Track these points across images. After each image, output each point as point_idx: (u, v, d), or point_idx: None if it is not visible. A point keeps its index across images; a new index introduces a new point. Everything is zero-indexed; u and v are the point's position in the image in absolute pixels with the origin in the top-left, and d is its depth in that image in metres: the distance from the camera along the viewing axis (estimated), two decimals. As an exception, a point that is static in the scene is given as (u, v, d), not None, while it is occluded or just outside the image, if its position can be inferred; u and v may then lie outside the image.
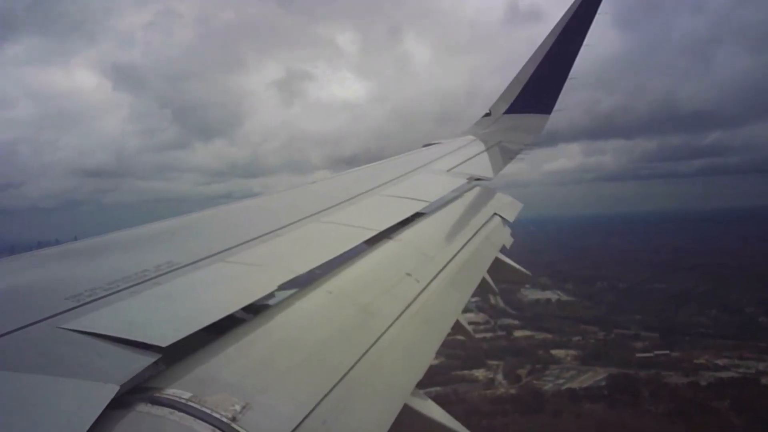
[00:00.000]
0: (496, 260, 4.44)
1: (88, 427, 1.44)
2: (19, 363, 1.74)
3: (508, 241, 4.92)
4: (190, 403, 1.68)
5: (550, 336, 67.22)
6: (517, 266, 4.77)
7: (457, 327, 3.34)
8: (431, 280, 3.33)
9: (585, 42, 8.07)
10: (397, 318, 2.76)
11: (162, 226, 3.59)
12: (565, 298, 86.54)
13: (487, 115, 8.88)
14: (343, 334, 2.50)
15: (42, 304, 2.13)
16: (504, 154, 7.70)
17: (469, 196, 5.63)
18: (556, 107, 8.42)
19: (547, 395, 48.94)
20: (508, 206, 5.71)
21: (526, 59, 8.63)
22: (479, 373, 56.61)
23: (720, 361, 54.88)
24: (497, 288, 4.47)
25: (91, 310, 2.12)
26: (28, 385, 1.62)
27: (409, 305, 2.93)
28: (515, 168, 7.72)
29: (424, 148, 7.70)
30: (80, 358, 1.80)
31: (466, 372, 55.96)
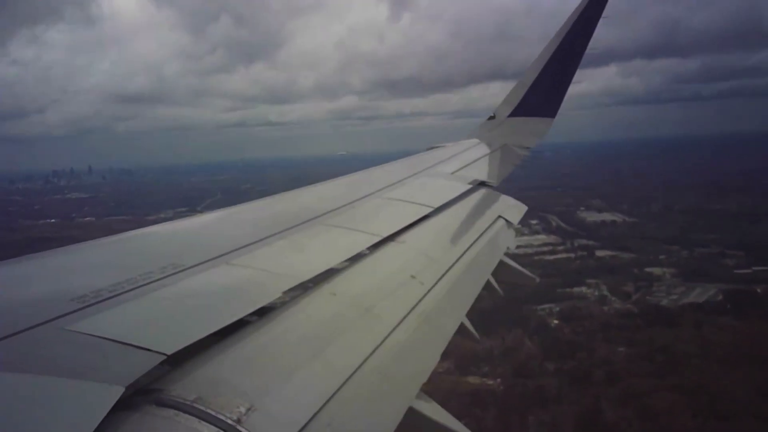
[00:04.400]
0: (501, 263, 4.53)
1: (93, 429, 1.45)
2: (25, 364, 1.74)
3: (513, 243, 5.04)
4: (195, 405, 1.72)
5: (634, 255, 68.15)
6: (522, 269, 4.85)
7: (463, 329, 3.35)
8: (436, 283, 3.38)
9: (589, 46, 8.02)
10: (402, 320, 2.79)
11: (166, 228, 3.73)
12: (629, 219, 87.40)
13: (492, 117, 8.92)
14: (348, 336, 2.53)
15: (47, 306, 2.13)
16: (508, 157, 7.80)
17: (474, 199, 5.72)
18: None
19: (672, 310, 49.98)
20: (512, 209, 5.81)
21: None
22: (585, 291, 57.48)
23: (823, 275, 56.08)
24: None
25: (96, 312, 2.12)
26: (33, 387, 1.62)
27: (413, 307, 2.97)
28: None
29: (428, 151, 7.85)
30: (85, 360, 1.80)
31: (568, 290, 56.94)
